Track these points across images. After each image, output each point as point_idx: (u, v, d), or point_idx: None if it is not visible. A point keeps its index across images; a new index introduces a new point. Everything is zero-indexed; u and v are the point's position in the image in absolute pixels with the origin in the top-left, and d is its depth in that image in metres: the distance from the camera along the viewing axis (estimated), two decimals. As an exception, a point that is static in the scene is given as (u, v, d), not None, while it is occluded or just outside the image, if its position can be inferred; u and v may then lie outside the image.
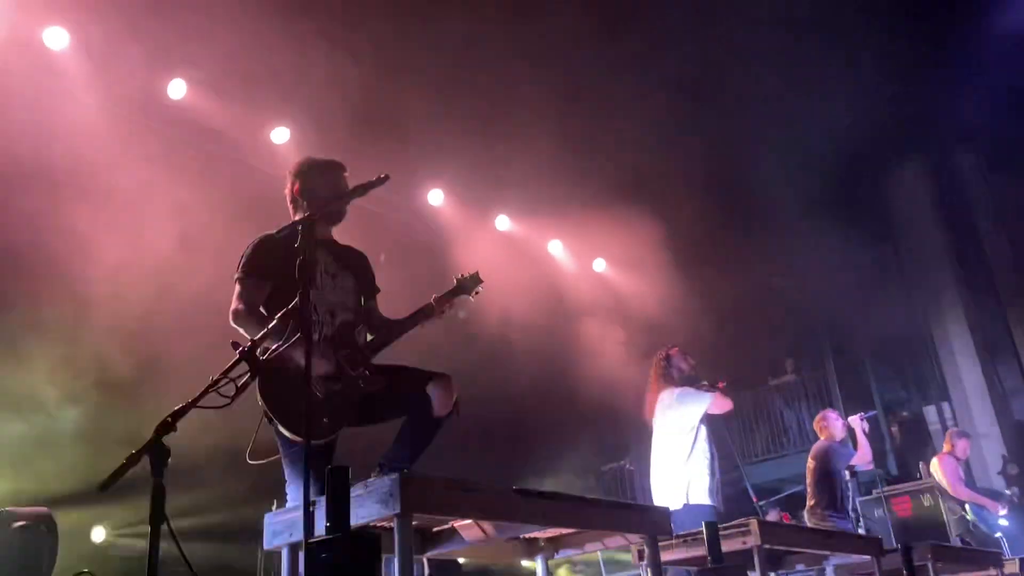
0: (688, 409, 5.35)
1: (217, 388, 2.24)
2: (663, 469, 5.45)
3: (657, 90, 8.68)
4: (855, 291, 11.42)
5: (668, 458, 5.41)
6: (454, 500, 2.61)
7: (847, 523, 6.57)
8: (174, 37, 6.70)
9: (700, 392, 5.38)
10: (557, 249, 10.41)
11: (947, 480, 8.20)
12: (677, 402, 5.39)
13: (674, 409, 5.39)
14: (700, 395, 5.37)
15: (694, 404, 5.34)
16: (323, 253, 3.40)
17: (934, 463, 8.50)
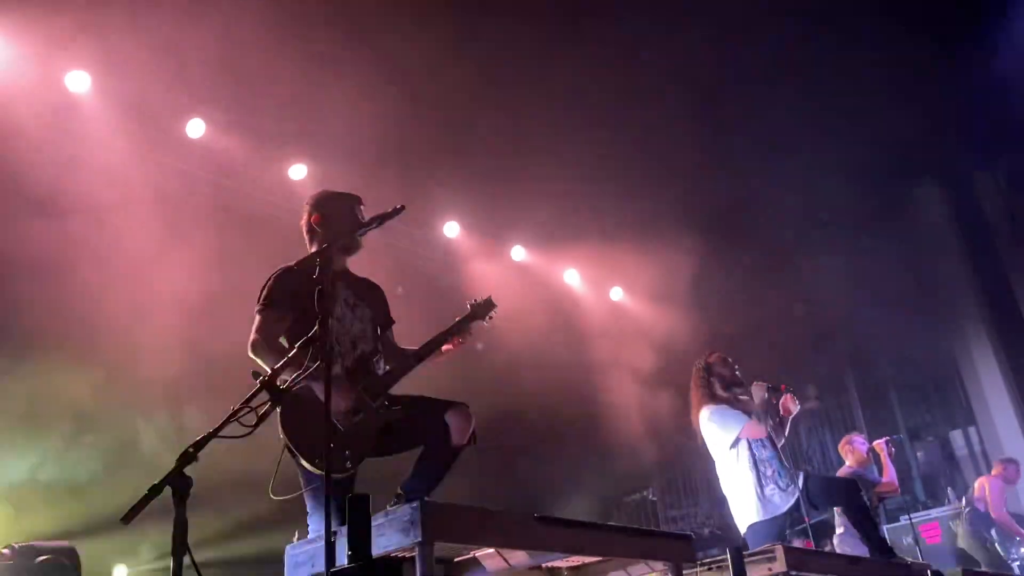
0: (721, 430, 5.19)
1: (238, 418, 2.25)
2: (724, 487, 5.34)
3: (674, 117, 8.72)
4: (878, 315, 11.32)
5: (721, 477, 5.31)
6: (476, 528, 2.60)
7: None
8: (192, 77, 6.81)
9: (733, 415, 5.18)
10: (574, 278, 10.41)
11: (992, 498, 8.11)
12: (710, 423, 5.24)
13: (710, 430, 5.25)
14: (733, 418, 5.16)
15: (725, 428, 5.17)
16: (341, 285, 3.44)
17: (983, 479, 8.45)
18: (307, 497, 3.16)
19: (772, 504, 5.04)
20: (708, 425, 5.26)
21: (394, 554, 2.61)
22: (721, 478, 5.32)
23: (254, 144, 7.44)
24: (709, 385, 5.35)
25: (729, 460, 5.20)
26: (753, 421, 5.13)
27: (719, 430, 5.19)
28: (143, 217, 6.38)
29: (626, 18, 8.04)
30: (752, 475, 5.11)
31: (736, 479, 5.17)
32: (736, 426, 5.14)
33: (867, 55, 8.99)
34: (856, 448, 7.41)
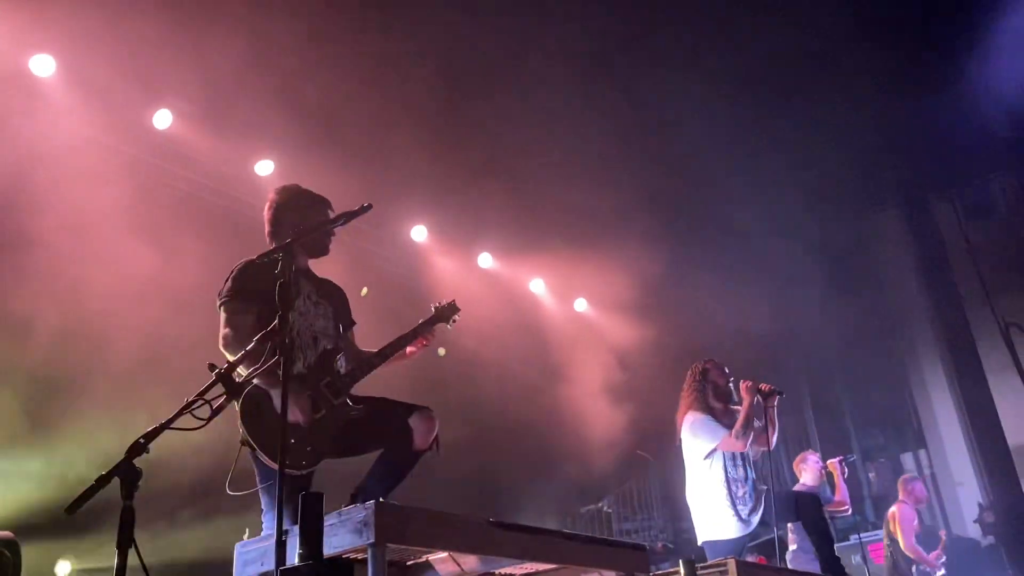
0: (699, 440, 5.18)
1: (192, 410, 2.21)
2: (689, 497, 5.34)
3: (637, 134, 8.81)
4: (835, 338, 11.51)
5: (689, 485, 5.30)
6: (430, 531, 2.57)
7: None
8: (161, 67, 6.72)
9: (714, 428, 5.15)
10: (539, 287, 10.42)
11: (902, 532, 7.92)
12: (692, 428, 5.22)
13: (689, 435, 5.24)
14: (713, 431, 5.13)
15: (704, 439, 5.15)
16: (304, 281, 3.40)
17: (892, 511, 8.21)
18: (262, 494, 3.11)
19: (737, 524, 5.05)
20: (689, 430, 5.24)
21: (346, 555, 2.58)
22: (689, 486, 5.31)
23: (221, 137, 7.34)
24: (702, 391, 5.32)
25: (701, 470, 5.20)
26: (731, 437, 5.07)
27: (698, 438, 5.18)
28: (104, 205, 6.25)
29: (593, 28, 8.11)
30: (723, 491, 5.11)
31: (705, 491, 5.17)
32: (714, 438, 5.12)
33: (829, 84, 9.17)
34: (810, 466, 7.49)
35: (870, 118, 9.68)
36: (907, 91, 9.72)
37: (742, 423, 5.07)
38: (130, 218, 6.41)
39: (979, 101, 9.70)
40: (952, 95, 9.76)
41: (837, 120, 9.46)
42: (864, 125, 9.72)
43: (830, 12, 8.48)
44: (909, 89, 9.73)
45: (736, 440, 5.06)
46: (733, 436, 5.06)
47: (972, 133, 10.06)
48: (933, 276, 12.17)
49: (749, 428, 5.09)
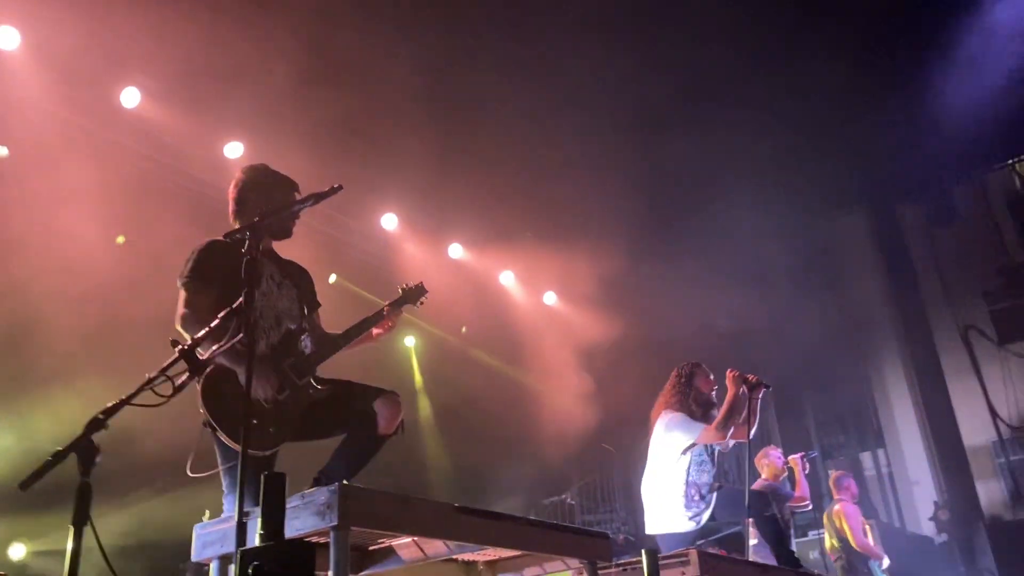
0: (674, 436, 5.15)
1: (153, 386, 2.17)
2: (645, 488, 5.33)
3: (607, 130, 8.83)
4: (798, 336, 11.65)
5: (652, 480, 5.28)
6: (394, 515, 2.55)
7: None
8: (129, 45, 6.60)
9: (692, 425, 5.11)
10: (509, 280, 10.42)
11: (851, 530, 7.89)
12: (665, 430, 5.19)
13: (661, 433, 5.21)
14: (691, 427, 5.10)
15: (680, 433, 5.12)
16: (268, 262, 3.35)
17: (836, 510, 8.14)
18: (224, 476, 3.07)
19: (685, 523, 5.12)
20: (664, 427, 5.21)
21: (308, 538, 2.55)
22: (649, 481, 5.30)
23: (190, 118, 7.23)
24: (684, 394, 5.27)
25: (667, 464, 5.18)
26: (712, 428, 5.03)
27: (675, 434, 5.14)
28: (66, 182, 6.13)
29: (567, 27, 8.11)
30: (679, 490, 5.13)
31: (663, 487, 5.18)
32: (694, 432, 5.08)
33: (797, 88, 9.27)
34: (772, 461, 7.55)
35: (837, 122, 9.81)
36: (875, 96, 9.87)
37: (725, 414, 5.00)
38: (93, 196, 6.29)
39: (945, 109, 9.87)
40: (919, 102, 9.92)
41: (805, 124, 9.58)
42: (831, 129, 9.85)
43: (797, 16, 8.58)
44: (876, 94, 9.88)
45: (717, 431, 5.00)
46: (715, 427, 5.00)
47: (938, 140, 10.24)
48: (896, 279, 12.38)
49: (732, 420, 5.00)
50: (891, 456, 12.41)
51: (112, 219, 6.42)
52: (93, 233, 6.24)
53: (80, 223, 6.31)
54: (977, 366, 11.68)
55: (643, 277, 10.02)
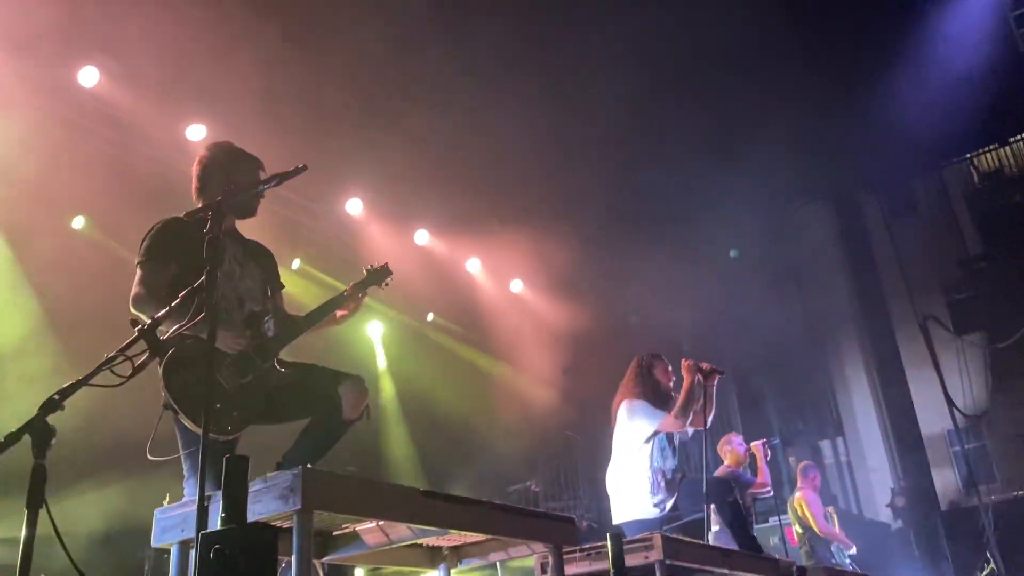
0: (637, 424, 5.19)
1: (112, 366, 2.11)
2: (610, 476, 5.37)
3: (574, 120, 8.83)
4: (759, 326, 11.79)
5: (614, 466, 5.33)
6: (359, 499, 2.52)
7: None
8: (88, 23, 6.44)
9: (653, 412, 5.17)
10: (475, 267, 10.40)
11: (813, 516, 8.09)
12: (628, 418, 5.23)
13: (624, 422, 5.26)
14: (652, 414, 5.16)
15: (643, 421, 5.17)
16: (230, 242, 3.29)
17: (797, 497, 8.33)
18: (185, 460, 3.01)
19: (651, 509, 5.15)
20: (627, 415, 5.25)
21: (271, 523, 2.51)
22: (614, 469, 5.35)
23: (151, 99, 7.09)
24: (643, 384, 5.33)
25: (631, 453, 5.23)
26: (671, 417, 5.11)
27: (636, 422, 5.19)
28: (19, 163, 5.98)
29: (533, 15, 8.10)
30: (644, 477, 5.17)
31: (628, 475, 5.23)
32: (656, 420, 5.15)
33: (759, 78, 9.36)
34: (734, 448, 7.63)
35: (800, 113, 9.91)
36: (837, 92, 10.00)
37: (682, 402, 5.11)
38: (50, 177, 6.14)
39: (905, 105, 10.03)
40: (879, 98, 10.07)
41: (767, 114, 9.67)
42: (794, 123, 9.96)
43: (762, 7, 8.65)
44: (839, 90, 10.01)
45: (676, 420, 5.10)
46: (673, 416, 5.10)
47: (898, 135, 10.40)
48: (857, 270, 12.59)
49: (689, 407, 5.11)
50: (850, 444, 12.64)
51: (70, 201, 6.28)
52: (48, 215, 6.10)
53: (35, 205, 6.17)
54: (935, 356, 11.90)
55: (608, 267, 10.07)
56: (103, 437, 5.18)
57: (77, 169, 6.51)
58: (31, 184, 6.15)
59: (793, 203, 12.57)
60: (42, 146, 6.23)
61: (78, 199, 6.73)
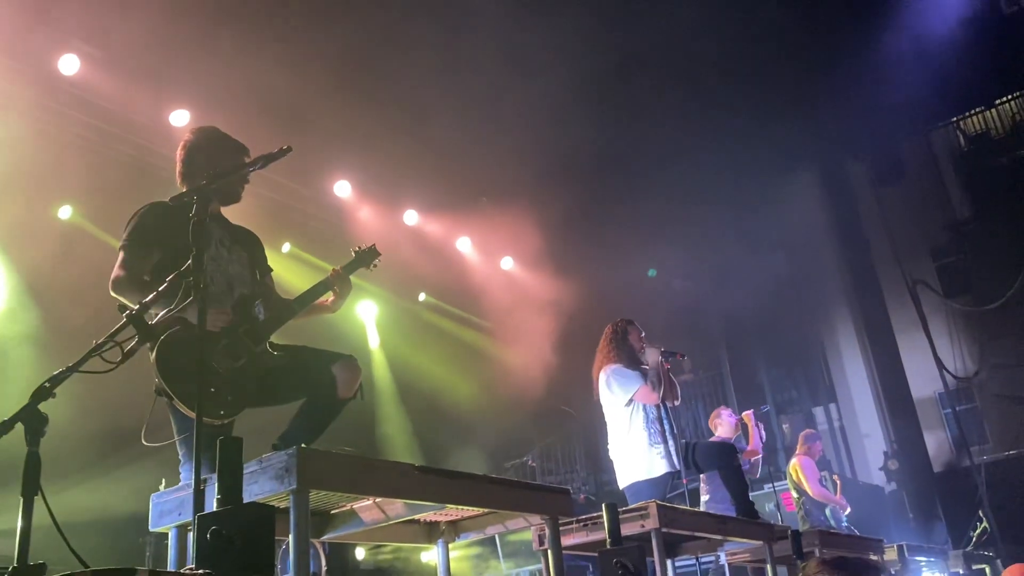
0: (619, 388, 5.33)
1: (101, 352, 2.11)
2: (611, 446, 5.49)
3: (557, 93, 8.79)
4: (750, 295, 11.84)
5: (611, 435, 5.46)
6: (355, 477, 2.54)
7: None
8: (66, 10, 6.36)
9: (629, 377, 5.33)
10: (466, 245, 10.39)
11: (807, 480, 8.25)
12: (606, 386, 5.39)
13: (604, 390, 5.40)
14: (628, 380, 5.32)
15: (621, 389, 5.32)
16: (216, 227, 3.28)
17: (793, 463, 8.50)
18: (180, 445, 3.02)
19: (659, 463, 5.21)
20: (607, 383, 5.39)
21: (267, 503, 2.53)
22: (611, 437, 5.46)
23: (133, 86, 7.02)
24: (618, 348, 5.49)
25: (623, 417, 5.35)
26: (647, 387, 5.28)
27: (617, 388, 5.33)
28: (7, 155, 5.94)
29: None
30: (644, 434, 5.28)
31: (627, 437, 5.31)
32: (632, 386, 5.30)
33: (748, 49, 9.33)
34: (724, 421, 7.73)
35: (787, 80, 9.89)
36: (824, 56, 9.97)
37: (652, 377, 5.33)
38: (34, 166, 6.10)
39: (891, 68, 10.02)
40: (866, 62, 10.05)
41: (755, 83, 9.65)
42: (781, 87, 9.94)
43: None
44: (826, 54, 9.98)
45: (651, 391, 5.29)
46: (649, 386, 5.29)
47: (885, 99, 10.40)
48: (845, 236, 12.61)
49: (659, 382, 5.32)
50: (842, 410, 12.74)
51: (55, 189, 6.24)
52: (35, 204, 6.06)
53: (20, 196, 6.14)
54: (924, 320, 12.00)
55: (596, 241, 10.07)
56: (97, 423, 5.18)
57: (61, 158, 6.46)
58: (15, 175, 6.10)
59: (779, 171, 12.56)
60: (25, 136, 6.18)
61: (64, 188, 6.69)
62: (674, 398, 5.50)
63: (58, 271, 6.05)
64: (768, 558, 4.65)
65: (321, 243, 8.45)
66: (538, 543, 3.90)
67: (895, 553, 6.15)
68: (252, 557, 1.98)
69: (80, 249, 6.03)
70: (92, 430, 5.02)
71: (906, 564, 6.16)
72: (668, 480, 5.26)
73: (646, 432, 5.27)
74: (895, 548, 6.20)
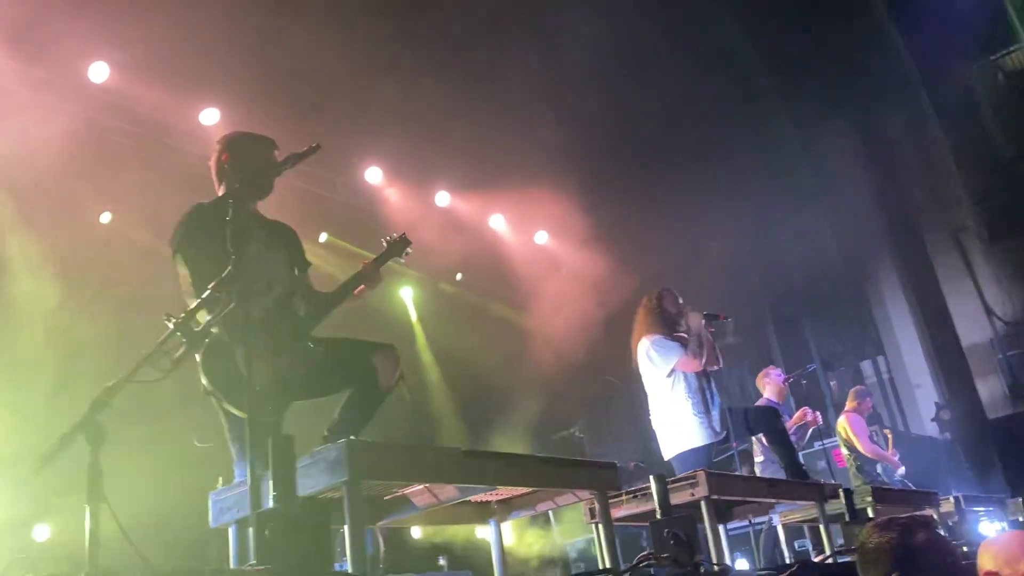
0: (660, 359, 5.32)
1: (151, 361, 2.18)
2: (653, 416, 5.50)
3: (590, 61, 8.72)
4: (790, 251, 11.69)
5: (653, 406, 5.46)
6: (403, 465, 2.60)
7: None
8: (93, 17, 6.46)
9: (670, 346, 5.31)
10: (499, 223, 10.40)
11: (856, 436, 8.19)
12: (646, 357, 5.38)
13: (648, 359, 5.39)
14: (669, 351, 5.30)
15: (661, 359, 5.31)
16: (254, 225, 3.34)
17: (842, 420, 8.44)
18: (232, 444, 3.11)
19: (705, 432, 5.20)
20: (647, 354, 5.38)
21: (322, 495, 2.60)
22: (653, 408, 5.46)
23: (163, 88, 7.12)
24: (655, 317, 5.48)
25: (664, 388, 5.34)
26: (688, 356, 5.26)
27: (658, 359, 5.32)
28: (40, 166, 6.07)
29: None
30: (688, 403, 5.27)
31: (670, 407, 5.31)
32: (673, 356, 5.28)
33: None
34: (773, 380, 7.68)
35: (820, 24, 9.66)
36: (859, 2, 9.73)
37: (694, 344, 5.30)
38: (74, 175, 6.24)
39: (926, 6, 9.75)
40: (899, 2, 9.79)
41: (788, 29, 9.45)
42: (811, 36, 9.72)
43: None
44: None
45: (692, 359, 5.27)
46: (689, 354, 5.26)
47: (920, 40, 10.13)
48: (885, 184, 12.35)
49: (702, 348, 5.31)
50: (891, 362, 12.56)
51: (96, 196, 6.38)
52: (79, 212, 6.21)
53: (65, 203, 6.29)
54: (970, 266, 11.75)
55: (630, 207, 9.99)
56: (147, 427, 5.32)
57: (97, 166, 6.59)
58: (55, 187, 6.25)
59: (814, 123, 12.32)
60: (62, 147, 6.30)
61: (102, 195, 6.82)
62: (715, 362, 5.47)
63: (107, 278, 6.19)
64: (821, 517, 4.65)
65: (357, 231, 8.52)
66: (589, 516, 3.94)
67: (951, 505, 6.09)
68: (309, 550, 2.05)
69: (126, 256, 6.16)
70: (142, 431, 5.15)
71: (963, 515, 6.10)
72: (713, 448, 5.26)
73: (689, 401, 5.25)
74: (951, 500, 6.14)
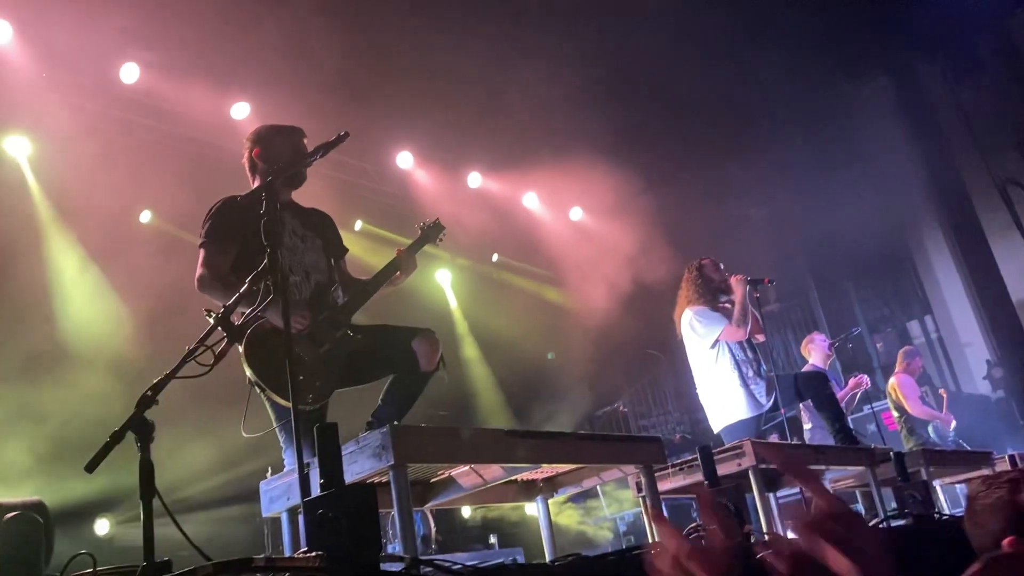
0: (704, 330, 5.31)
1: (194, 357, 2.21)
2: (700, 389, 5.49)
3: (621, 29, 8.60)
4: (831, 214, 11.47)
5: (699, 378, 5.45)
6: (447, 447, 2.62)
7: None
8: (122, 19, 6.53)
9: (713, 318, 5.29)
10: (533, 201, 10.37)
11: (906, 398, 8.11)
12: (690, 328, 5.36)
13: (691, 330, 5.37)
14: (712, 321, 5.28)
15: (705, 330, 5.29)
16: (288, 216, 3.37)
17: (892, 382, 8.37)
18: (279, 432, 3.16)
19: (752, 403, 5.18)
20: (690, 325, 5.37)
21: (369, 480, 2.63)
22: (698, 379, 5.44)
23: (192, 85, 7.19)
24: (698, 287, 5.45)
25: (708, 360, 5.32)
26: (731, 326, 5.23)
27: (702, 329, 5.31)
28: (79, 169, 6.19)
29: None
30: (735, 374, 5.25)
31: (716, 379, 5.28)
32: (717, 327, 5.26)
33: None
34: (818, 346, 7.59)
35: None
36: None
37: (739, 312, 5.25)
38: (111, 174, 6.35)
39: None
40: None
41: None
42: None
43: None
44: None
45: (737, 328, 5.23)
46: (734, 324, 5.23)
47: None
48: (925, 141, 12.05)
49: (746, 316, 5.26)
50: (939, 321, 12.31)
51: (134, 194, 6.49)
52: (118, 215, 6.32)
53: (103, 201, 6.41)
54: (1018, 220, 11.44)
55: (666, 175, 9.88)
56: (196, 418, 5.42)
57: (133, 165, 6.69)
58: (94, 189, 6.36)
59: (850, 82, 12.03)
60: (97, 149, 6.41)
61: (141, 194, 6.93)
62: (760, 332, 5.43)
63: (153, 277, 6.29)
64: (872, 482, 4.58)
65: (391, 217, 8.56)
66: (636, 490, 3.94)
67: (1007, 463, 5.97)
68: (359, 535, 2.07)
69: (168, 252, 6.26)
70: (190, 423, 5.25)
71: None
72: (761, 418, 5.22)
73: (735, 372, 5.22)
74: (1006, 458, 6.02)
